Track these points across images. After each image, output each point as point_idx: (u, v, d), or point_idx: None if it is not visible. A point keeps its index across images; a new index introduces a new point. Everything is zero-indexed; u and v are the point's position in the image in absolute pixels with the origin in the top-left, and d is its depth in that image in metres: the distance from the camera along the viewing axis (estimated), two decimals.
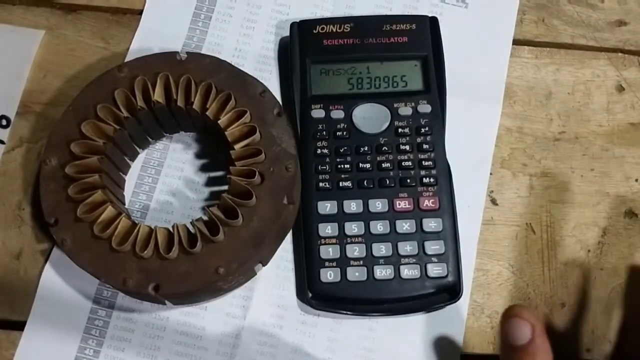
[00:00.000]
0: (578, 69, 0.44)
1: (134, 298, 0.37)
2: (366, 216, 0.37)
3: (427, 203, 0.38)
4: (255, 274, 0.38)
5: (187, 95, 0.37)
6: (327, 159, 0.38)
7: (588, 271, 0.40)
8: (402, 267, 0.37)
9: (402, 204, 0.38)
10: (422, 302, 0.37)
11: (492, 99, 0.42)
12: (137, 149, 0.40)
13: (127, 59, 0.42)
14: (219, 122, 0.36)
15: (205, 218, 0.35)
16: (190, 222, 0.35)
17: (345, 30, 0.41)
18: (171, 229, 0.35)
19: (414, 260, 0.37)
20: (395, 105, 0.39)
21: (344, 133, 0.39)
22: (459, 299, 0.37)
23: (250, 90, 0.38)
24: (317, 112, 0.39)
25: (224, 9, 0.44)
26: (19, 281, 0.38)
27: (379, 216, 0.37)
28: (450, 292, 0.37)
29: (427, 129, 0.39)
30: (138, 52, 0.41)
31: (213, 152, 0.40)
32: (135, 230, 0.35)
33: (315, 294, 0.37)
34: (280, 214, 0.35)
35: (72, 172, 0.35)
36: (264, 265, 0.38)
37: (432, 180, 0.38)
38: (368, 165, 0.38)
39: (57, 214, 0.35)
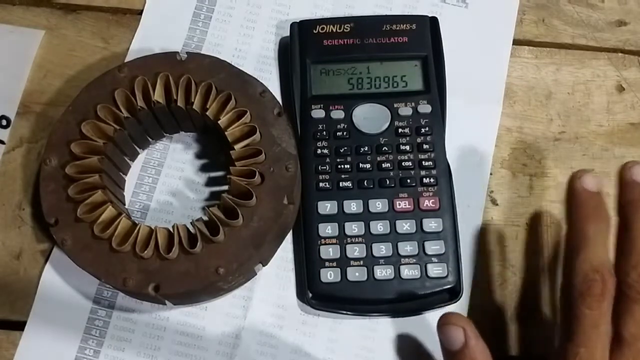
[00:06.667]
0: (578, 69, 0.44)
1: (134, 298, 0.37)
2: (366, 216, 0.37)
3: (427, 203, 0.38)
4: (255, 274, 0.38)
5: (187, 95, 0.37)
6: (327, 159, 0.38)
7: None
8: (402, 267, 0.37)
9: (402, 204, 0.38)
10: (422, 302, 0.37)
11: (492, 99, 0.42)
12: (137, 149, 0.40)
13: (127, 59, 0.42)
14: (219, 122, 0.36)
15: (205, 218, 0.35)
16: (191, 222, 0.35)
17: (345, 30, 0.41)
18: (171, 229, 0.35)
19: (414, 260, 0.37)
20: (395, 105, 0.39)
21: (344, 133, 0.39)
22: (459, 299, 0.37)
23: (250, 90, 0.38)
24: (317, 112, 0.39)
25: (224, 9, 0.44)
26: (19, 281, 0.38)
27: (379, 216, 0.37)
28: (450, 292, 0.37)
29: (427, 129, 0.39)
30: (138, 52, 0.41)
31: (213, 152, 0.40)
32: (136, 231, 0.35)
33: (316, 294, 0.37)
34: (280, 214, 0.35)
35: (72, 173, 0.35)
36: (264, 266, 0.38)
37: (432, 180, 0.38)
38: (368, 166, 0.38)
39: (57, 214, 0.35)
